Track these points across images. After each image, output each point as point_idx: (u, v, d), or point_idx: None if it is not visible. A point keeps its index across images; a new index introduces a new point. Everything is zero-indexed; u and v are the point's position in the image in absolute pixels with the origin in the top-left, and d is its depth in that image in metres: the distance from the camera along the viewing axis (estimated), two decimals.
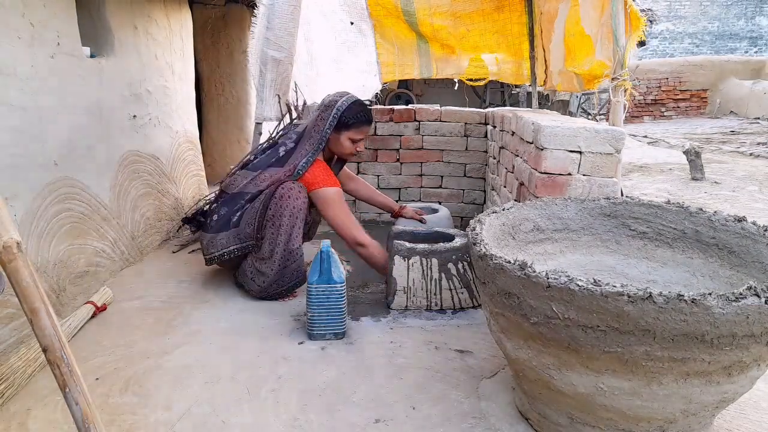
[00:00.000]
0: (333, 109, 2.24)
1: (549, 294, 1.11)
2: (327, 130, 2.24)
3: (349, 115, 2.25)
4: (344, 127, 2.26)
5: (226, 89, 4.71)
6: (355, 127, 2.27)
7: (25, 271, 0.99)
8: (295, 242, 2.19)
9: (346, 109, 2.25)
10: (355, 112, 2.26)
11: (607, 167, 1.84)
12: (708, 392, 1.11)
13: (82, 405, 1.01)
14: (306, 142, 2.27)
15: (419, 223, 2.57)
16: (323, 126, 2.25)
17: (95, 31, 2.57)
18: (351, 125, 2.26)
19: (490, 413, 1.48)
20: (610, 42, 2.11)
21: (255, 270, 2.22)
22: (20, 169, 1.89)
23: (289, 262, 2.20)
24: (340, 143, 2.29)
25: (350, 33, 3.39)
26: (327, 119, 2.25)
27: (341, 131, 2.26)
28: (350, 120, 2.25)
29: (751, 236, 1.41)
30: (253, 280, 2.22)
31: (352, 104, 2.27)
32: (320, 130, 2.25)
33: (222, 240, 2.24)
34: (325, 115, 2.26)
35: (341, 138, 2.27)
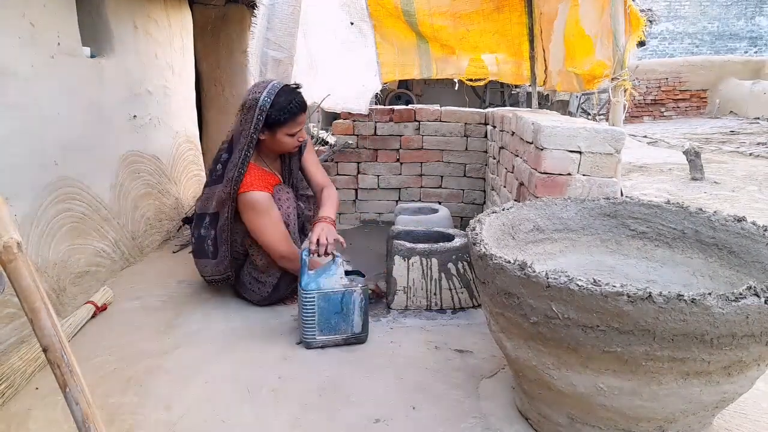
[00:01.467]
0: (255, 110, 1.96)
1: (549, 294, 1.11)
2: (253, 134, 1.98)
3: (276, 112, 1.97)
4: (275, 125, 1.99)
5: (226, 89, 4.71)
6: (288, 122, 2.00)
7: (25, 271, 0.99)
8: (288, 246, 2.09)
9: (271, 105, 1.96)
10: (282, 106, 1.97)
11: (606, 167, 1.84)
12: (708, 392, 1.11)
13: (82, 405, 1.02)
14: (235, 150, 2.03)
15: (419, 222, 2.56)
16: (248, 129, 1.98)
17: (95, 30, 2.57)
18: (282, 121, 1.99)
19: (490, 413, 1.48)
20: (609, 42, 2.11)
21: (253, 280, 2.17)
22: (20, 169, 1.89)
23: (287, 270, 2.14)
24: (278, 142, 2.04)
25: (350, 33, 3.38)
26: (251, 121, 1.97)
27: (274, 130, 2.00)
28: (279, 116, 1.97)
29: (750, 236, 1.41)
30: (253, 291, 2.18)
31: (276, 97, 1.97)
32: (246, 134, 1.99)
33: (207, 267, 2.18)
34: (247, 117, 1.99)
35: (277, 137, 2.02)
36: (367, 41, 3.42)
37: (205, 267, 2.20)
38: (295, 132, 2.05)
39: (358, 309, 1.86)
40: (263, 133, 2.02)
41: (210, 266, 2.17)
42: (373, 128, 3.54)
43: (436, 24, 3.29)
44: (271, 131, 2.02)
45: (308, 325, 1.83)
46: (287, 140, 2.05)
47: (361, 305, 1.86)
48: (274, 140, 2.04)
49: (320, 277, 1.84)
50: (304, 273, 1.85)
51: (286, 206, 2.12)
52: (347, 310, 1.85)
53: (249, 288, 2.19)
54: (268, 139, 2.04)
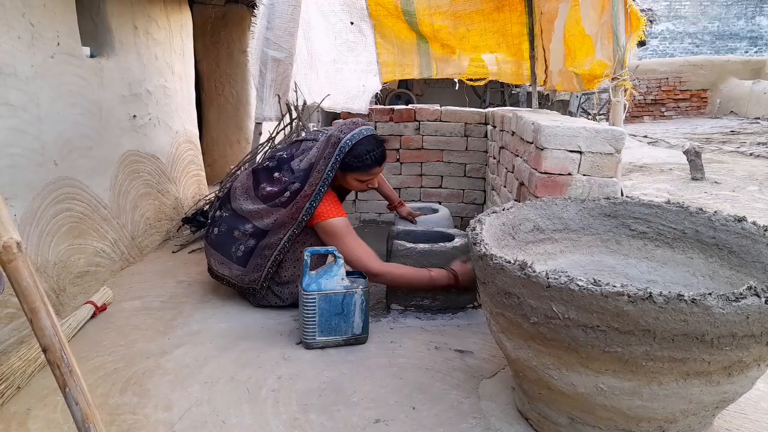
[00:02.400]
0: (336, 149, 2.02)
1: (549, 294, 1.11)
2: (329, 173, 2.02)
3: (353, 158, 2.03)
4: (348, 168, 2.05)
5: (226, 89, 4.71)
6: (362, 171, 2.07)
7: (25, 271, 0.99)
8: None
9: (350, 150, 2.02)
10: (360, 153, 2.03)
11: (607, 167, 1.83)
12: (708, 392, 1.11)
13: (82, 405, 1.02)
14: (311, 180, 2.03)
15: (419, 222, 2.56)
16: (326, 167, 2.02)
17: (95, 31, 2.57)
18: (356, 168, 2.05)
19: (490, 413, 1.48)
20: (610, 42, 2.11)
21: (272, 293, 2.15)
22: (20, 169, 1.89)
23: None
24: (347, 182, 2.13)
25: (350, 33, 3.38)
26: (330, 159, 2.02)
27: (346, 172, 2.07)
28: (355, 163, 2.04)
29: (751, 236, 1.41)
30: (267, 300, 2.16)
31: (357, 144, 2.03)
32: (322, 170, 2.03)
33: (225, 268, 2.14)
34: (327, 153, 2.04)
35: (347, 178, 2.11)
36: (367, 41, 3.42)
37: (222, 265, 2.15)
38: (365, 180, 2.13)
39: (358, 310, 1.85)
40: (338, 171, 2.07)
41: (232, 270, 2.12)
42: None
43: (437, 24, 3.29)
44: (343, 172, 2.09)
45: (309, 325, 1.83)
46: (356, 184, 2.15)
47: (361, 306, 1.86)
48: (344, 179, 2.13)
49: (321, 278, 1.84)
50: (306, 273, 1.85)
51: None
52: (348, 311, 1.85)
53: (262, 296, 2.16)
54: (339, 176, 2.10)
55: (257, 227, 2.09)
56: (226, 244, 2.14)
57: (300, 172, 2.10)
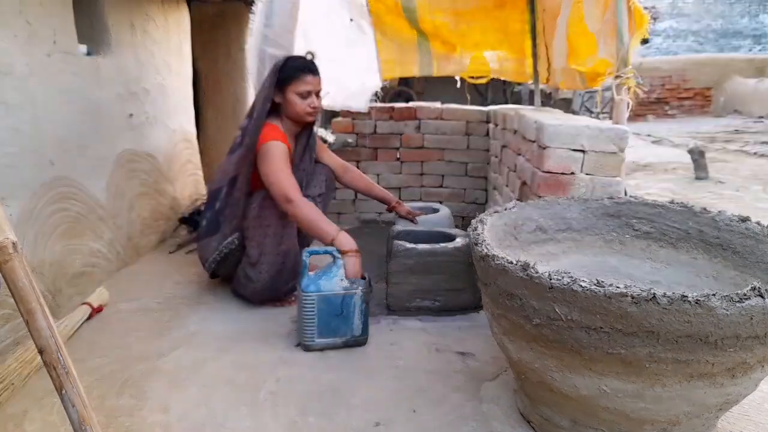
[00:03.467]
0: (270, 73, 2.16)
1: (552, 295, 1.10)
2: (268, 93, 2.13)
3: (286, 69, 2.13)
4: (285, 82, 2.12)
5: (224, 87, 4.69)
6: (297, 78, 2.12)
7: (20, 272, 0.99)
8: (288, 243, 2.12)
9: (282, 65, 2.14)
10: (290, 65, 2.14)
11: (610, 166, 1.82)
12: (712, 394, 1.10)
13: (78, 407, 1.01)
14: (254, 112, 2.17)
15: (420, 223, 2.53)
16: (264, 92, 2.15)
17: (92, 29, 2.55)
18: (292, 77, 2.12)
19: (492, 416, 1.47)
20: (613, 40, 2.09)
21: (245, 275, 2.16)
22: (16, 169, 1.88)
23: (284, 266, 2.13)
24: (290, 102, 2.14)
25: (350, 30, 3.36)
26: (265, 84, 2.16)
27: (285, 89, 2.13)
28: (289, 72, 2.12)
29: (755, 236, 1.41)
30: (245, 287, 2.17)
31: (287, 59, 2.18)
32: (263, 95, 2.15)
33: (214, 244, 2.16)
34: (265, 83, 2.18)
35: (288, 96, 2.13)
36: (367, 38, 3.40)
37: (211, 245, 2.16)
38: (303, 91, 2.13)
39: (358, 311, 1.84)
40: (277, 95, 2.14)
41: (218, 239, 2.14)
42: (373, 126, 3.52)
43: (437, 20, 3.27)
44: (282, 92, 2.14)
45: (308, 327, 1.81)
46: (297, 101, 2.14)
47: (361, 308, 1.84)
48: (286, 102, 2.15)
49: (320, 279, 1.82)
50: (305, 275, 1.83)
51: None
52: (347, 312, 1.83)
53: (242, 284, 2.19)
54: (282, 102, 2.16)
55: (228, 181, 2.15)
56: (214, 224, 2.17)
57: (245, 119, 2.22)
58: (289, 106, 2.15)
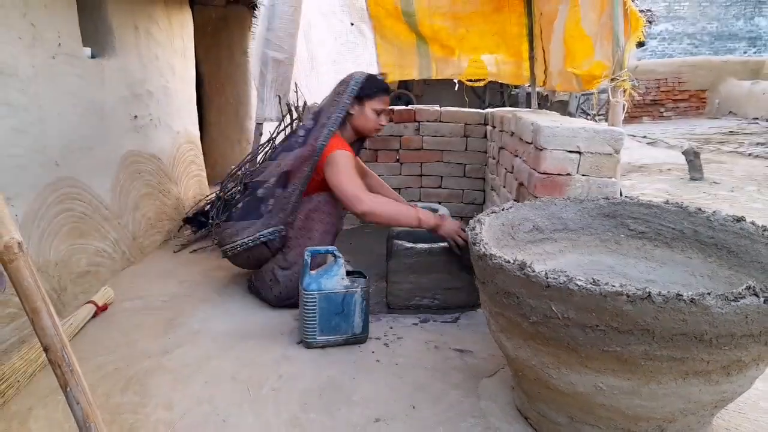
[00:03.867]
0: (351, 82, 2.21)
1: (548, 294, 1.11)
2: (346, 101, 2.19)
3: (368, 86, 2.21)
4: (366, 97, 2.21)
5: (226, 90, 4.71)
6: (377, 96, 2.23)
7: (26, 271, 0.99)
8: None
9: (365, 80, 2.22)
10: (372, 82, 2.23)
11: (606, 167, 1.84)
12: (707, 392, 1.12)
13: (83, 404, 1.02)
14: (324, 116, 2.21)
15: None
16: (342, 99, 2.20)
17: (96, 31, 2.57)
18: (372, 95, 2.21)
19: (490, 412, 1.49)
20: (609, 43, 2.11)
21: (273, 277, 2.15)
22: (21, 169, 1.90)
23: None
24: (365, 116, 2.23)
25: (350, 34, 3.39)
26: (345, 92, 2.20)
27: (363, 103, 2.21)
28: (370, 90, 2.21)
29: (749, 236, 1.41)
30: (271, 289, 2.16)
31: (369, 76, 2.26)
32: (339, 103, 2.20)
33: (250, 228, 2.14)
34: (341, 89, 2.22)
35: (365, 110, 2.22)
36: (367, 42, 3.43)
37: (244, 229, 2.14)
38: (380, 109, 2.24)
39: (359, 309, 1.86)
40: (353, 106, 2.21)
41: (258, 226, 2.13)
42: None
43: (436, 24, 3.30)
44: (360, 104, 2.22)
45: (309, 325, 1.83)
46: (372, 117, 2.24)
47: (362, 306, 1.86)
48: (361, 114, 2.23)
49: (321, 278, 1.84)
50: (306, 273, 1.85)
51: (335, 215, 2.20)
52: (348, 310, 1.85)
53: (268, 285, 2.17)
54: (357, 113, 2.23)
55: (279, 173, 2.17)
56: (252, 209, 2.18)
57: (310, 115, 2.26)
58: (362, 119, 2.24)
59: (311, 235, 2.13)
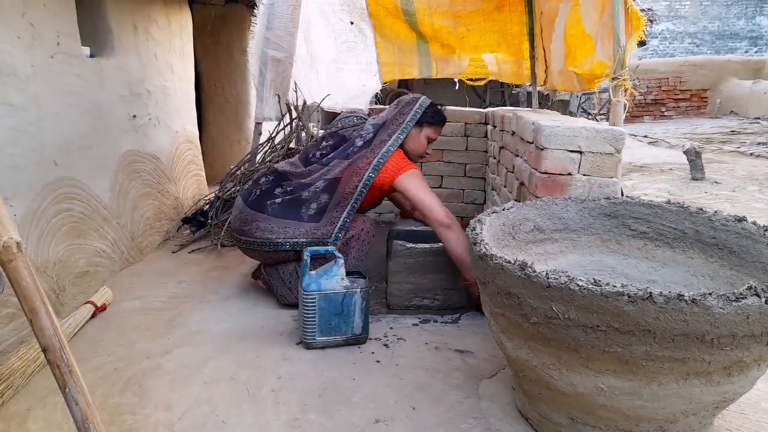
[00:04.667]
0: (416, 105, 2.26)
1: (549, 294, 1.11)
2: (409, 123, 2.23)
3: (430, 113, 2.27)
4: (425, 123, 2.26)
5: (226, 89, 4.71)
6: (435, 126, 2.29)
7: (24, 271, 0.99)
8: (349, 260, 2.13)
9: (428, 106, 2.28)
10: (434, 111, 2.29)
11: (607, 167, 1.83)
12: (708, 392, 1.11)
13: (81, 405, 1.02)
14: (385, 133, 2.22)
15: (420, 223, 2.55)
16: (405, 119, 2.24)
17: (95, 31, 2.57)
18: (432, 123, 2.28)
19: (490, 413, 1.48)
20: (610, 42, 2.11)
21: (296, 280, 2.13)
22: (20, 169, 1.89)
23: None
24: (418, 140, 2.27)
25: (350, 33, 3.38)
26: (409, 113, 2.25)
27: (422, 127, 2.27)
28: (431, 118, 2.27)
29: (751, 236, 1.41)
30: (291, 290, 2.15)
31: (432, 104, 2.31)
32: (401, 123, 2.23)
33: (288, 229, 2.10)
34: (406, 109, 2.27)
35: (420, 135, 2.27)
36: (367, 41, 3.43)
37: (286, 229, 2.10)
38: (432, 138, 2.31)
39: (358, 310, 1.86)
40: (414, 127, 2.24)
41: (300, 228, 2.10)
42: None
43: (436, 23, 3.29)
44: (418, 127, 2.26)
45: (309, 325, 1.83)
46: (424, 143, 2.29)
47: (361, 306, 1.86)
48: (416, 137, 2.27)
49: (321, 278, 1.84)
50: (306, 273, 1.85)
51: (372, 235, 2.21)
52: (348, 311, 1.85)
53: (287, 286, 2.16)
54: (414, 133, 2.26)
55: (328, 179, 2.15)
56: (292, 208, 2.13)
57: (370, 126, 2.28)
58: (415, 142, 2.27)
59: (346, 258, 2.06)
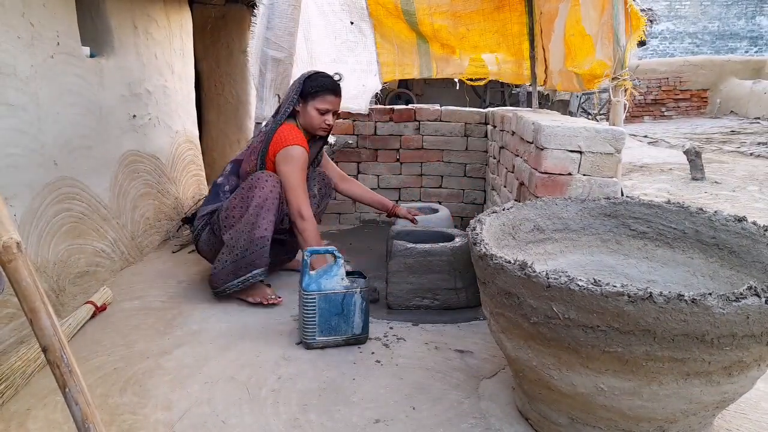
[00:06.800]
0: (297, 83, 2.29)
1: (549, 294, 1.11)
2: (294, 97, 2.26)
3: (311, 84, 2.26)
4: (309, 96, 2.25)
5: (225, 89, 4.71)
6: (320, 96, 2.25)
7: (24, 271, 0.99)
8: (259, 231, 2.09)
9: (308, 77, 2.28)
10: (317, 80, 2.27)
11: (607, 167, 1.83)
12: (708, 392, 1.11)
13: (81, 405, 1.01)
14: (277, 115, 2.32)
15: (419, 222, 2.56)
16: (289, 97, 2.30)
17: (95, 30, 2.57)
18: (315, 93, 2.24)
19: (490, 413, 1.48)
20: (610, 42, 2.11)
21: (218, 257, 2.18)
22: (20, 169, 1.89)
23: (248, 252, 2.10)
24: (308, 114, 2.27)
25: (350, 33, 3.38)
26: (292, 90, 2.30)
27: (307, 102, 2.26)
28: (313, 88, 2.25)
29: (751, 236, 1.41)
30: (215, 267, 2.18)
31: (315, 74, 2.31)
32: (287, 101, 2.29)
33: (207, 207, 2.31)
34: (291, 88, 2.34)
35: (308, 109, 2.26)
36: (367, 41, 3.42)
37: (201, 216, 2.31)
38: (322, 109, 2.26)
39: (358, 310, 1.85)
40: (299, 103, 2.28)
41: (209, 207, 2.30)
42: (373, 128, 3.53)
43: (436, 23, 3.29)
44: (304, 103, 2.27)
45: (308, 325, 1.83)
46: (315, 115, 2.26)
47: (361, 306, 1.86)
48: (305, 113, 2.28)
49: (321, 278, 1.84)
50: (306, 273, 1.85)
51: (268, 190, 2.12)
52: (348, 311, 1.84)
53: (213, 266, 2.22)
54: (301, 111, 2.28)
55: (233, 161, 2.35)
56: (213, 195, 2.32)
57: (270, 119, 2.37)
58: (306, 117, 2.28)
59: (245, 211, 2.12)
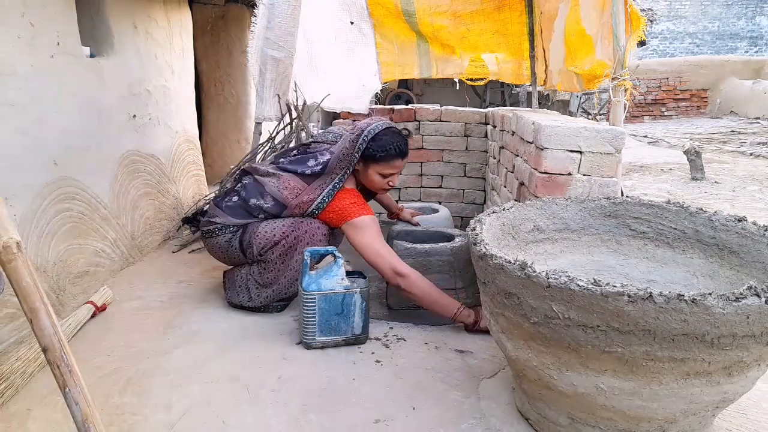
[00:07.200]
0: (359, 139, 1.98)
1: (549, 294, 1.11)
2: (352, 161, 2.00)
3: (376, 147, 1.98)
4: (371, 159, 2.00)
5: (225, 89, 4.72)
6: (384, 161, 2.00)
7: (24, 271, 0.99)
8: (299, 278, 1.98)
9: (372, 138, 1.98)
10: (383, 143, 1.99)
11: (607, 167, 1.83)
12: (708, 392, 1.11)
13: (82, 405, 1.02)
14: (331, 172, 2.02)
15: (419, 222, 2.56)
16: (348, 159, 2.00)
17: (95, 30, 2.57)
18: (379, 158, 1.99)
19: (490, 413, 1.48)
20: (610, 42, 2.11)
21: (245, 287, 2.10)
22: (20, 169, 1.89)
23: (285, 293, 2.10)
24: (369, 178, 2.04)
25: (350, 33, 3.38)
26: (353, 150, 1.99)
27: (368, 164, 2.02)
28: (378, 152, 1.98)
29: (751, 236, 1.41)
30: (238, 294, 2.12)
31: (380, 133, 2.00)
32: (345, 163, 2.01)
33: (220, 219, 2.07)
34: (350, 145, 2.01)
35: (369, 172, 2.03)
36: (367, 41, 3.43)
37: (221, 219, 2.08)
38: (387, 173, 2.04)
39: (358, 310, 1.85)
40: (359, 163, 2.03)
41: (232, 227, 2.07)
42: None
43: (436, 23, 3.29)
44: (365, 165, 2.03)
45: (309, 325, 1.83)
46: (377, 179, 2.05)
47: (361, 306, 1.86)
48: (365, 175, 2.05)
49: (321, 278, 1.84)
50: (306, 273, 1.85)
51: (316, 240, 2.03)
52: (348, 311, 1.84)
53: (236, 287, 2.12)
54: (361, 170, 2.05)
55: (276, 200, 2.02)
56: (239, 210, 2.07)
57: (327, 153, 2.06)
58: (367, 180, 2.06)
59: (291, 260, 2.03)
